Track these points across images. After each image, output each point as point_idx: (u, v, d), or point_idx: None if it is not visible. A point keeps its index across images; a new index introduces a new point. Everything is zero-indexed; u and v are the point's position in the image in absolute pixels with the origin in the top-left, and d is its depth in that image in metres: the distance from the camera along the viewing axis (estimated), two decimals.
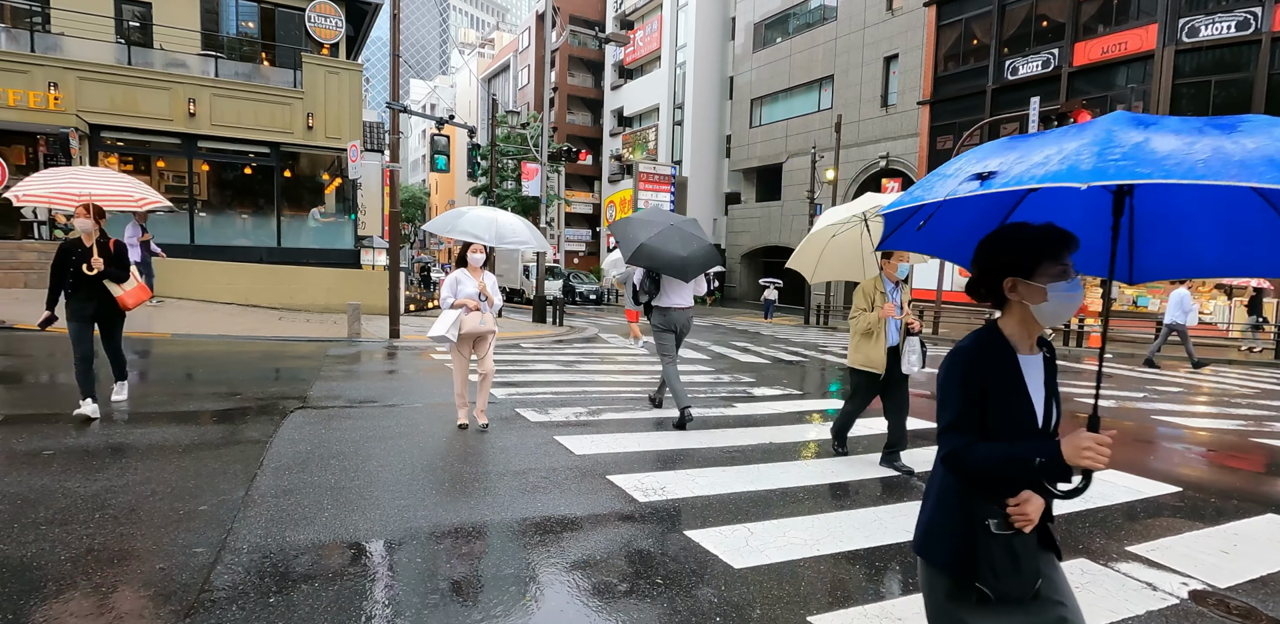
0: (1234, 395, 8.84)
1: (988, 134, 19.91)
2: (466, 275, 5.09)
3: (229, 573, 2.72)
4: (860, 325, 4.51)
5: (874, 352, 4.49)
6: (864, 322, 4.50)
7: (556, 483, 4.05)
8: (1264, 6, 15.28)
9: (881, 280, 4.53)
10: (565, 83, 41.62)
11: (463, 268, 5.13)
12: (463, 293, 4.98)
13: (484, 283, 5.09)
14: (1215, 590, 2.98)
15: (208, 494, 3.60)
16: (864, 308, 4.51)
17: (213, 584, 2.61)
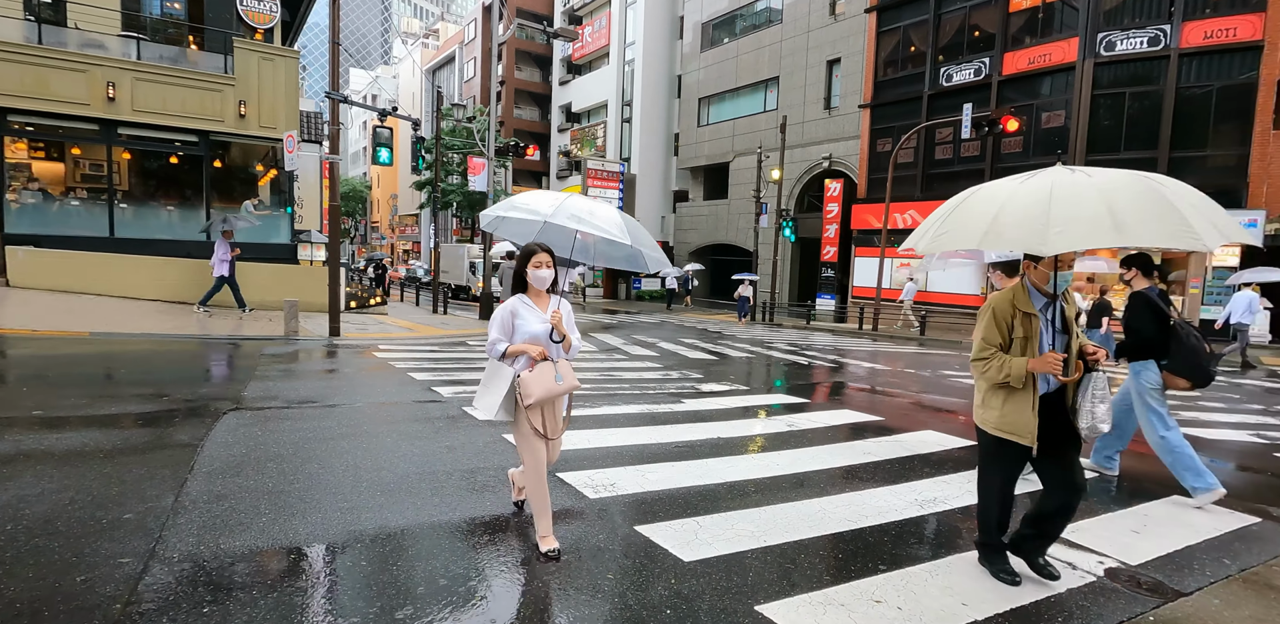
0: None
1: (924, 138, 20.70)
2: (527, 304, 3.06)
3: (158, 583, 2.59)
4: (992, 375, 2.78)
5: (1017, 411, 2.77)
6: (998, 371, 2.75)
7: (505, 481, 4.01)
8: (1172, 25, 16.39)
9: (1027, 293, 2.81)
10: (512, 77, 41.02)
11: (521, 293, 3.11)
12: (524, 332, 3.00)
13: (558, 313, 3.04)
14: (1127, 567, 3.21)
15: (133, 502, 3.41)
16: (996, 345, 2.80)
17: (140, 596, 2.49)
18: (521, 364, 3.02)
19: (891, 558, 3.18)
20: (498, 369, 3.03)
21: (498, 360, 3.02)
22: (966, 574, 3.03)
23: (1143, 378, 4.34)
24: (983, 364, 2.83)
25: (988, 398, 2.91)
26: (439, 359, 9.07)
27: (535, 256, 3.07)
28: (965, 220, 2.62)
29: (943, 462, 4.94)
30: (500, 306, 3.07)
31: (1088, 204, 2.32)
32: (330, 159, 11.46)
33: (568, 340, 3.08)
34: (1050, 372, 2.69)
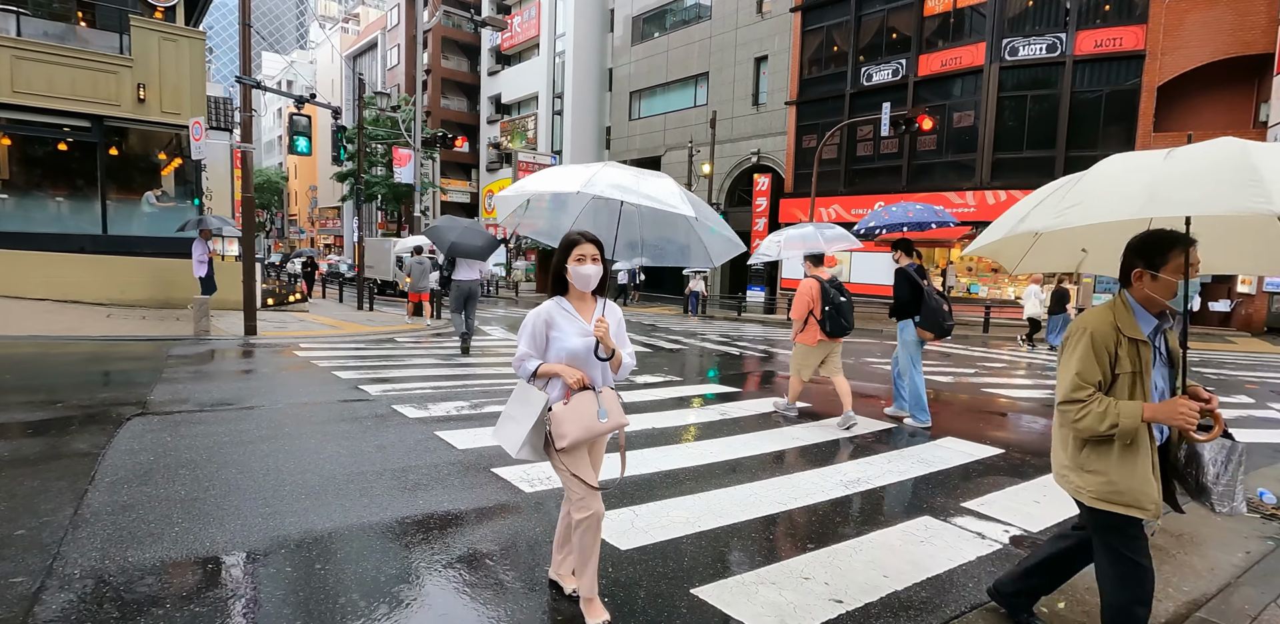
0: (1044, 369, 10.23)
1: (846, 135, 21.48)
2: (566, 311, 2.40)
3: (57, 603, 2.41)
4: (1091, 424, 2.01)
5: (1130, 475, 2.04)
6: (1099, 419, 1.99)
7: (439, 479, 3.94)
8: (1067, 33, 17.64)
9: (1131, 313, 2.08)
10: (439, 66, 39.79)
11: (560, 295, 2.45)
12: (561, 347, 2.34)
13: (604, 322, 2.33)
14: (1029, 534, 3.48)
15: (25, 517, 3.15)
16: (1095, 383, 2.04)
17: (36, 617, 2.31)
18: (557, 392, 2.35)
19: (819, 537, 3.33)
20: (526, 394, 2.36)
21: (527, 382, 2.37)
22: (887, 548, 3.21)
23: (906, 333, 5.81)
24: (1077, 409, 2.01)
25: (1085, 456, 2.11)
26: (366, 357, 8.76)
27: (577, 248, 2.35)
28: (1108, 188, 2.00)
29: (865, 444, 5.19)
30: (533, 312, 2.39)
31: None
32: (242, 148, 10.82)
33: (617, 357, 2.38)
34: (1182, 425, 1.93)
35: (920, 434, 5.55)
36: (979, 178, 18.81)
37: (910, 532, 3.43)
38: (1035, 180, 18.13)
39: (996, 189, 18.48)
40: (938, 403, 7.28)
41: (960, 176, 19.27)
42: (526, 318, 2.36)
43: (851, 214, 21.29)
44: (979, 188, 18.70)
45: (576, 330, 2.36)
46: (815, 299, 5.63)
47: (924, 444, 5.22)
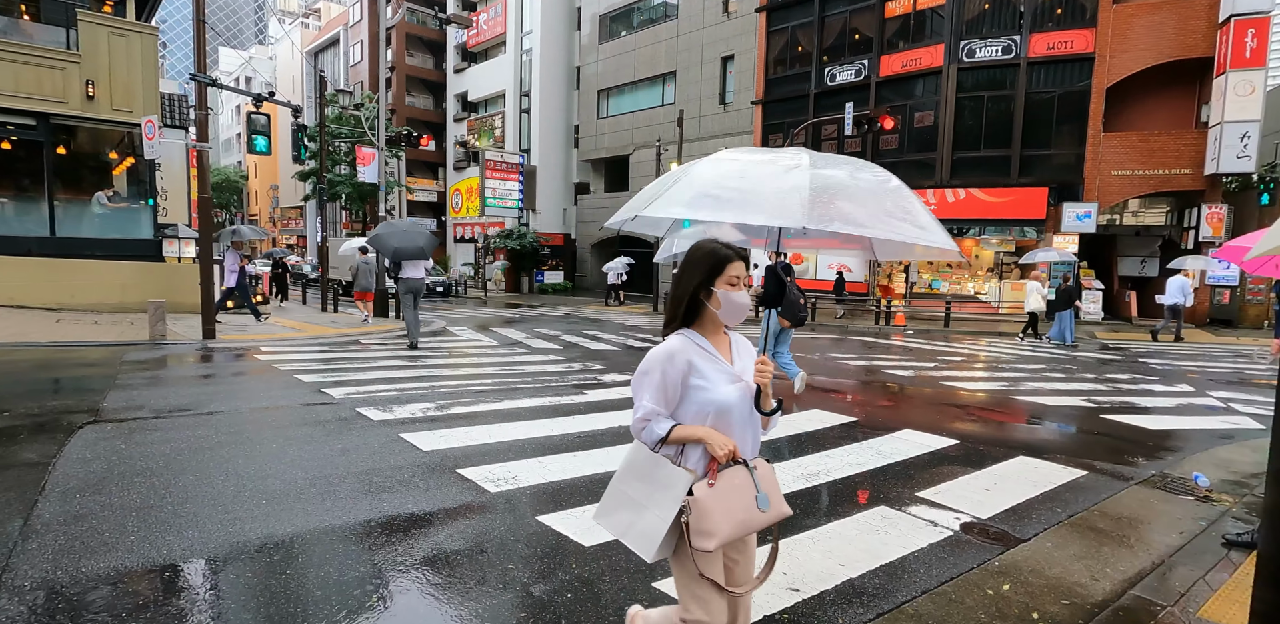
0: (1001, 362, 10.56)
1: (811, 135, 21.78)
2: (705, 351, 1.79)
3: (6, 615, 2.37)
4: None
5: None
6: None
7: (403, 481, 3.94)
8: (1021, 36, 18.16)
9: None
10: (403, 63, 39.17)
11: (687, 328, 1.82)
12: (706, 401, 1.74)
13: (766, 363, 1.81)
14: (979, 521, 3.62)
15: None
16: None
17: None
18: (699, 464, 1.71)
19: (779, 528, 3.41)
20: (656, 469, 1.72)
21: (653, 449, 1.73)
22: (844, 538, 3.31)
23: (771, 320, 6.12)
24: None
25: None
26: (330, 359, 8.64)
27: (731, 267, 1.75)
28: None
29: (826, 438, 5.32)
30: (658, 354, 1.72)
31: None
32: (199, 147, 10.55)
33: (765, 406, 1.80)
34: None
35: (880, 428, 5.70)
36: (939, 176, 19.26)
37: (866, 521, 3.54)
38: (993, 178, 18.68)
39: (956, 187, 18.95)
40: (900, 396, 7.48)
41: (922, 175, 19.70)
42: (647, 361, 1.70)
43: None
44: (939, 186, 19.16)
45: (724, 376, 1.73)
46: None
47: (883, 437, 5.37)
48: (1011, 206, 18.26)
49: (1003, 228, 18.76)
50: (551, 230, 32.24)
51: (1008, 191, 18.32)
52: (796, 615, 2.56)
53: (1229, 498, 4.08)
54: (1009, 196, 18.28)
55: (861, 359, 10.48)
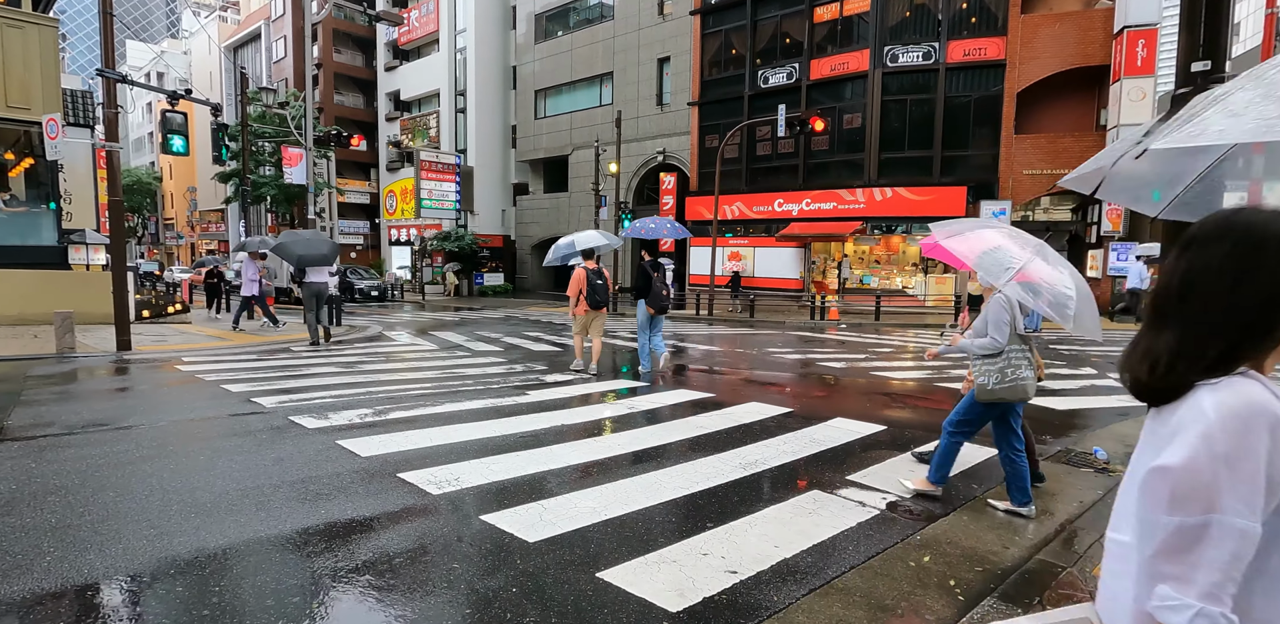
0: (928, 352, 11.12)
1: (746, 135, 22.29)
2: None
3: None
4: None
5: None
6: None
7: (341, 488, 3.87)
8: (940, 42, 19.12)
9: None
10: (331, 60, 37.82)
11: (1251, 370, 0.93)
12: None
13: None
14: (903, 500, 3.85)
15: None
16: None
17: None
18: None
19: (718, 515, 3.55)
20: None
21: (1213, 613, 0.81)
22: (779, 522, 3.47)
23: (639, 309, 8.06)
24: None
25: None
26: (258, 368, 8.31)
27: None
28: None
29: (764, 428, 5.51)
30: (1240, 418, 0.85)
31: None
32: (107, 147, 9.95)
33: None
34: None
35: (814, 417, 5.94)
36: (867, 175, 20.06)
37: (800, 505, 3.71)
38: (917, 178, 19.59)
39: (883, 186, 19.78)
40: (833, 387, 7.79)
41: (851, 174, 20.47)
42: (1223, 435, 0.85)
43: (754, 211, 22.16)
44: (867, 185, 19.94)
45: None
46: (581, 282, 7.96)
47: (817, 425, 5.61)
48: (934, 204, 19.19)
49: (926, 225, 19.67)
50: (490, 232, 31.81)
51: (931, 190, 19.25)
52: (734, 596, 2.68)
53: (1123, 468, 4.46)
54: (932, 195, 19.21)
55: (797, 353, 10.84)
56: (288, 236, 10.73)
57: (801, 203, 21.10)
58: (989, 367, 3.61)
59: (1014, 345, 3.60)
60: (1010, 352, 3.58)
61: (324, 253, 10.35)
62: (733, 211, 22.37)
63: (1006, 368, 3.57)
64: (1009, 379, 3.55)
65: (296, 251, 10.18)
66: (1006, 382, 3.55)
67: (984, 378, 3.62)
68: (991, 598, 2.62)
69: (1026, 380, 3.56)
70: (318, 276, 10.47)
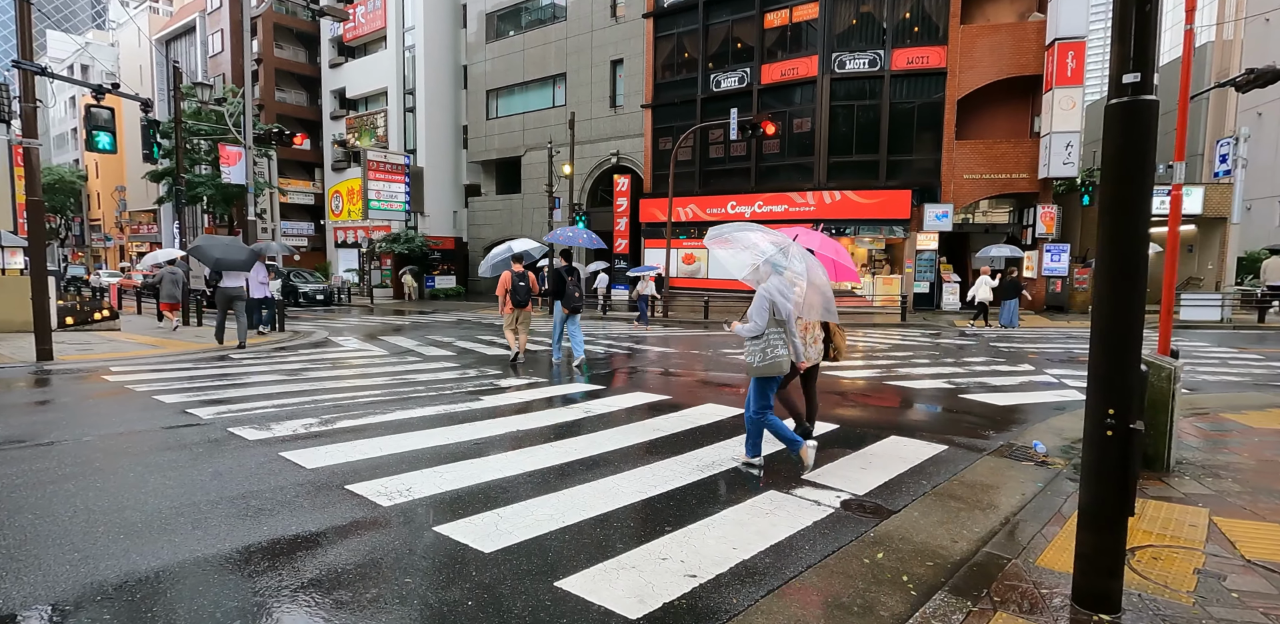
0: (876, 351, 11.41)
1: (699, 138, 22.49)
2: None
3: None
4: None
5: None
6: None
7: (286, 502, 3.71)
8: (885, 50, 19.71)
9: None
10: (272, 55, 36.46)
11: None
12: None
13: None
14: (857, 497, 3.93)
15: None
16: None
17: None
18: None
19: (676, 518, 3.54)
20: None
21: None
22: (737, 523, 3.48)
23: (558, 307, 9.09)
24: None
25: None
26: (195, 377, 7.92)
27: None
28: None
29: (720, 430, 5.55)
30: None
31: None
32: (25, 143, 9.33)
33: None
34: None
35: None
36: (817, 179, 20.50)
37: (757, 506, 3.74)
38: (864, 181, 20.12)
39: (832, 189, 20.24)
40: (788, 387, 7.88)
41: (801, 178, 20.88)
42: None
43: (707, 213, 22.36)
44: (817, 188, 20.39)
45: None
46: (507, 284, 8.94)
47: None
48: (881, 207, 19.76)
49: (874, 227, 20.26)
50: (442, 234, 31.20)
51: (877, 194, 19.80)
52: (694, 600, 2.68)
53: (1061, 461, 4.67)
54: (878, 198, 19.76)
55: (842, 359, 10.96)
56: (206, 240, 10.91)
57: (754, 205, 21.41)
58: (754, 347, 4.25)
59: (772, 329, 4.22)
60: (769, 334, 4.21)
61: (241, 258, 10.45)
62: (687, 213, 22.52)
63: (766, 348, 4.21)
64: (769, 357, 4.21)
65: (214, 255, 10.28)
66: (767, 359, 4.21)
67: (750, 357, 4.27)
68: (943, 592, 2.69)
69: (782, 358, 4.22)
70: (233, 281, 10.57)
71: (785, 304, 4.16)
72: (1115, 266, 2.39)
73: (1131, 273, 2.36)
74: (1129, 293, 2.36)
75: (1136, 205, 2.34)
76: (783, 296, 4.16)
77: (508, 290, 8.95)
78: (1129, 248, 2.36)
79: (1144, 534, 3.29)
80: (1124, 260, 2.37)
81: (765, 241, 4.26)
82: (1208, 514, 3.56)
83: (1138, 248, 2.36)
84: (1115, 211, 2.38)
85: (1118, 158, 2.35)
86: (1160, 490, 3.94)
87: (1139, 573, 2.85)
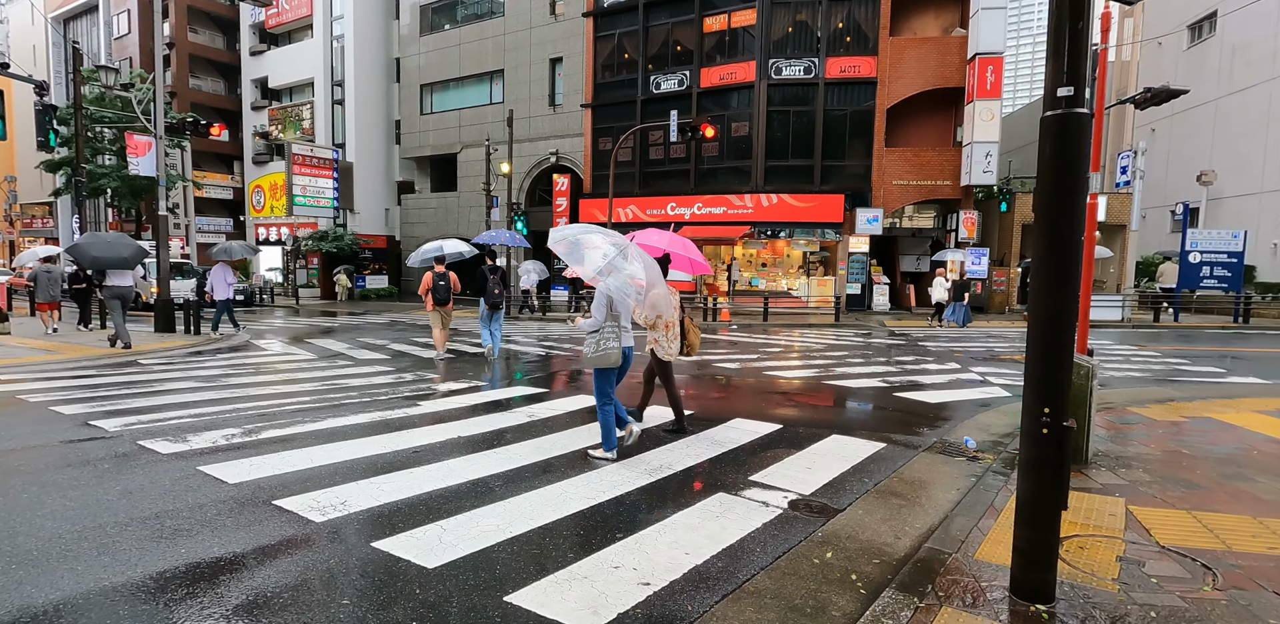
0: (813, 351, 11.72)
1: (640, 139, 22.54)
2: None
3: None
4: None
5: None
6: None
7: (206, 521, 3.44)
8: (819, 58, 20.29)
9: None
10: (186, 39, 34.24)
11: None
12: None
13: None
14: (803, 497, 3.98)
15: None
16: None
17: None
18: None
19: (627, 525, 3.49)
20: None
21: None
22: (688, 527, 3.46)
23: (481, 306, 9.79)
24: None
25: None
26: (98, 385, 7.30)
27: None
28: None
29: (666, 432, 5.53)
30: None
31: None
32: None
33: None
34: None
35: (714, 419, 6.04)
36: (754, 182, 20.91)
37: (707, 509, 3.74)
38: (800, 185, 20.65)
39: (769, 192, 20.68)
40: (729, 387, 7.98)
41: (739, 180, 21.24)
42: None
43: (647, 214, 22.43)
44: (755, 191, 20.79)
45: None
46: (428, 283, 9.54)
47: (718, 427, 5.71)
48: (815, 211, 20.33)
49: (809, 230, 20.83)
50: (373, 232, 30.09)
51: (812, 198, 20.37)
52: (649, 609, 2.63)
53: (990, 456, 4.89)
54: (813, 202, 20.33)
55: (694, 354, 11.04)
56: (88, 237, 10.53)
57: (693, 207, 21.62)
58: (590, 340, 4.52)
59: (609, 323, 4.48)
60: (605, 328, 4.47)
61: (124, 256, 10.16)
62: (627, 214, 22.52)
63: (601, 341, 4.46)
64: (601, 349, 4.46)
65: (91, 253, 9.97)
66: (600, 351, 4.46)
67: (586, 349, 4.54)
68: (890, 589, 2.74)
69: (613, 350, 4.46)
70: (120, 280, 10.34)
71: (624, 300, 4.46)
72: (1051, 270, 2.49)
73: (1066, 276, 2.47)
74: (1064, 296, 2.47)
75: (1071, 212, 2.45)
76: (621, 294, 4.42)
77: (429, 289, 9.61)
78: (1064, 252, 2.47)
79: (1070, 525, 3.46)
80: (1060, 264, 2.48)
81: (606, 243, 4.53)
82: (1124, 503, 3.79)
83: (1073, 252, 2.47)
84: (1051, 218, 2.48)
85: (1053, 167, 2.46)
86: (1081, 482, 4.17)
87: (1068, 563, 2.99)
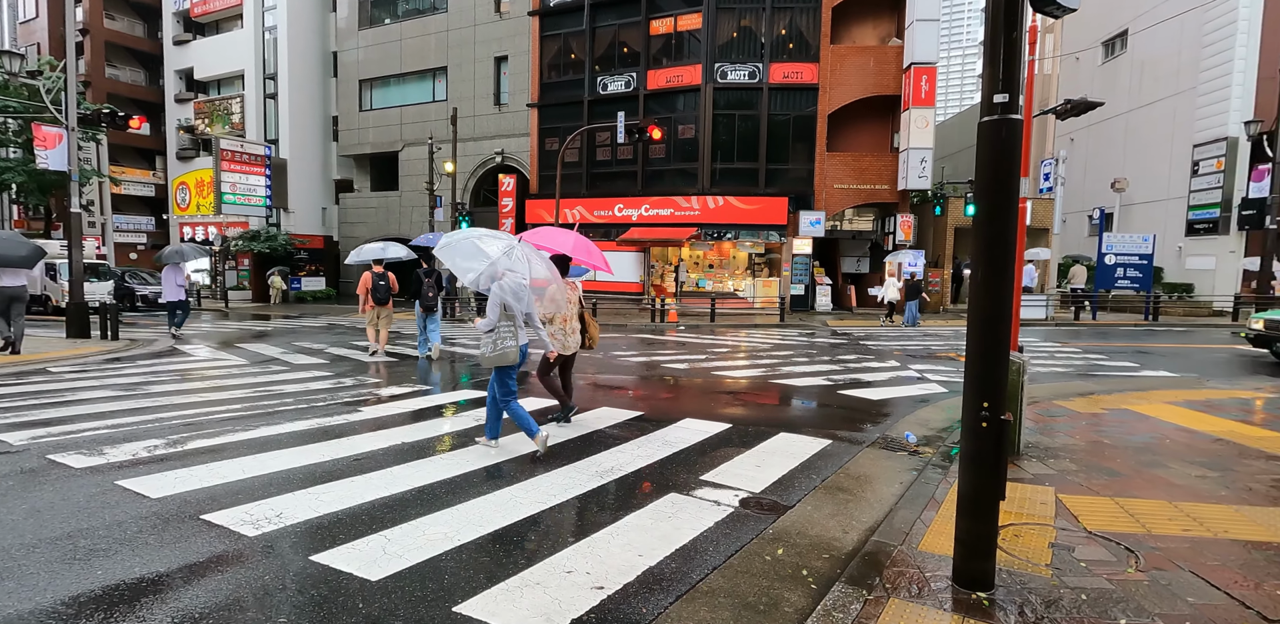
0: (759, 350, 11.91)
1: (586, 140, 22.45)
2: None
3: None
4: None
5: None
6: None
7: (125, 540, 3.20)
8: (763, 63, 20.68)
9: None
10: (102, 26, 32.16)
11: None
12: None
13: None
14: (754, 495, 4.02)
15: None
16: None
17: None
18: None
19: (578, 528, 3.44)
20: None
21: None
22: (640, 529, 3.44)
23: (416, 307, 9.97)
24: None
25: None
26: (2, 395, 6.74)
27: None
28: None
29: (616, 434, 5.51)
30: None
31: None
32: None
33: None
34: None
35: (664, 419, 6.05)
36: (701, 184, 21.12)
37: (659, 510, 3.73)
38: (745, 188, 20.98)
39: (716, 195, 20.94)
40: (678, 388, 8.02)
41: (686, 182, 21.42)
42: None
43: (595, 216, 22.36)
44: (701, 193, 21.00)
45: None
46: (368, 283, 9.75)
47: (668, 428, 5.72)
48: (760, 213, 20.70)
49: (754, 232, 21.19)
50: (309, 232, 28.94)
51: (757, 200, 20.73)
52: (603, 613, 2.59)
53: (930, 449, 5.06)
54: (758, 204, 20.70)
55: (641, 355, 11.07)
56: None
57: (641, 208, 21.67)
58: (487, 339, 4.66)
59: (504, 323, 4.66)
60: (500, 328, 4.64)
61: (22, 255, 9.68)
62: (574, 215, 22.38)
63: (498, 340, 4.62)
64: (499, 348, 4.63)
65: (6, 254, 9.48)
66: (497, 350, 4.63)
67: (483, 349, 4.67)
68: (840, 583, 2.79)
69: (510, 349, 4.64)
70: (13, 280, 9.87)
71: (515, 303, 4.62)
72: (989, 269, 2.59)
73: (1002, 274, 2.57)
74: (1001, 295, 2.57)
75: (1005, 212, 2.55)
76: (515, 296, 4.59)
77: (369, 290, 9.76)
78: (1000, 251, 2.57)
79: (1005, 514, 3.61)
80: (996, 264, 2.58)
81: (493, 246, 4.65)
82: (1054, 492, 3.98)
83: (1008, 251, 2.57)
84: (988, 218, 2.58)
85: (990, 169, 2.56)
86: (1014, 472, 4.36)
87: (1005, 550, 3.11)
